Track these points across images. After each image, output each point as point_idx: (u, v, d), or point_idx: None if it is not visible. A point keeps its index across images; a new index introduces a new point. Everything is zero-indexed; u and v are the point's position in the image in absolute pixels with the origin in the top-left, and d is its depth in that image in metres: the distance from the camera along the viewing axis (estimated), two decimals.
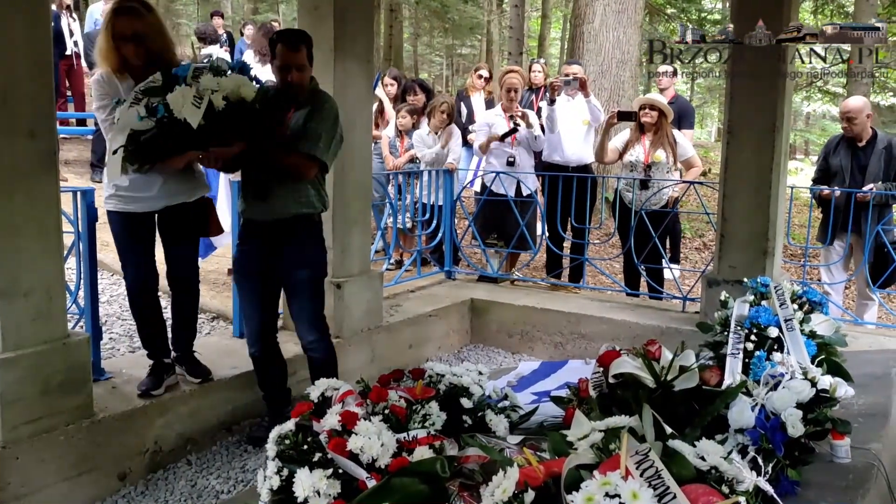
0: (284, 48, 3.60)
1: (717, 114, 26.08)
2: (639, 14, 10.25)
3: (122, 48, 3.41)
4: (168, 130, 3.05)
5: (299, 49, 3.60)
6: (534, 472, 1.61)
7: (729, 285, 4.32)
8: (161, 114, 3.02)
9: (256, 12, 22.90)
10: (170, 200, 3.59)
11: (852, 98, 6.45)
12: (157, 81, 3.17)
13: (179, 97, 3.03)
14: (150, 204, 3.56)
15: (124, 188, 3.48)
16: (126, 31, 3.38)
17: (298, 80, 3.62)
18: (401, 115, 7.06)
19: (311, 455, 2.13)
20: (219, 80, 3.15)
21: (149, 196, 3.53)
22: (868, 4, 10.88)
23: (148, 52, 3.42)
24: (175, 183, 3.57)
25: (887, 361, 3.56)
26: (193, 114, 3.05)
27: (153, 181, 3.50)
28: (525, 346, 5.67)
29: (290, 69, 3.58)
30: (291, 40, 3.62)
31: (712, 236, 8.39)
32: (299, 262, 3.73)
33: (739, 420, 2.25)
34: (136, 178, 3.43)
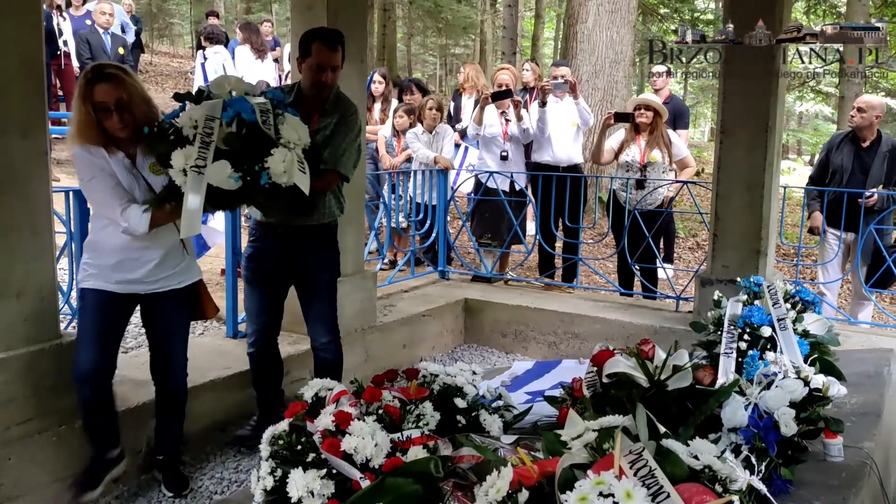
0: (324, 47, 3.46)
1: (710, 114, 26.16)
2: (632, 14, 10.26)
3: (103, 120, 2.97)
4: (263, 192, 2.85)
5: (337, 49, 3.49)
6: (528, 472, 1.61)
7: (722, 285, 4.34)
8: (265, 181, 2.79)
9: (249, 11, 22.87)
10: (160, 285, 3.21)
11: (872, 95, 6.48)
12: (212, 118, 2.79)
13: (282, 162, 2.81)
14: (136, 286, 3.17)
15: (109, 265, 3.10)
16: (107, 100, 2.94)
17: (332, 82, 3.53)
18: (398, 114, 7.07)
19: (305, 455, 2.13)
20: (294, 130, 2.93)
21: (135, 278, 3.14)
22: (860, 4, 10.93)
23: (134, 121, 2.99)
24: (169, 265, 3.21)
25: (880, 360, 3.58)
26: (303, 181, 2.93)
27: (144, 260, 3.14)
28: (519, 345, 5.67)
29: (326, 70, 3.47)
30: (331, 39, 3.50)
31: (705, 236, 8.41)
32: (320, 266, 3.73)
33: (733, 419, 2.26)
34: (126, 257, 3.10)
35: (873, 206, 5.42)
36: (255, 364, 3.89)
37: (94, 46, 9.23)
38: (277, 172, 2.80)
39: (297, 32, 4.51)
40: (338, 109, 3.56)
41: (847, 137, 5.86)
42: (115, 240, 3.07)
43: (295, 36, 4.57)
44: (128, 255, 3.10)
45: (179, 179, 2.73)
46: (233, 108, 2.78)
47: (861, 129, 5.68)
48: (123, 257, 3.10)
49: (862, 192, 5.44)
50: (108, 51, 9.29)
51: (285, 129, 2.90)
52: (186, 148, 2.71)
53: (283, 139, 2.87)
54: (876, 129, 5.71)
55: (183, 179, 2.72)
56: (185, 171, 2.70)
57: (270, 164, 2.79)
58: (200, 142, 2.70)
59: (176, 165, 2.71)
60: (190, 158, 2.69)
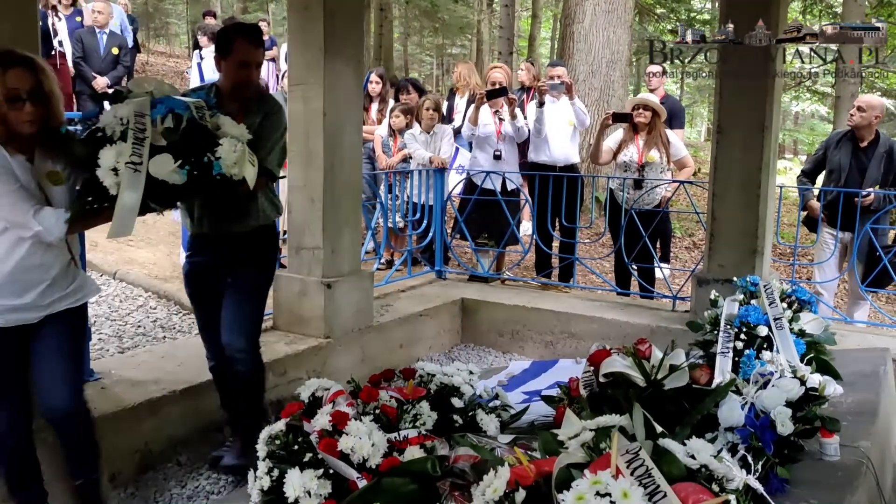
0: (246, 43, 3.26)
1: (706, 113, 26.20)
2: (629, 14, 10.27)
3: (10, 111, 2.60)
4: (212, 186, 2.71)
5: (260, 45, 3.32)
6: (525, 472, 1.61)
7: (719, 284, 4.34)
8: (217, 171, 2.67)
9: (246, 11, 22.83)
10: (51, 308, 2.79)
11: (872, 95, 6.49)
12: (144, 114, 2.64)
13: (233, 153, 2.70)
14: (25, 315, 2.74)
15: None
16: (20, 87, 2.59)
17: (256, 80, 3.37)
18: (394, 114, 7.07)
19: (302, 455, 2.13)
20: (233, 126, 2.83)
21: (22, 304, 2.71)
22: (857, 4, 10.94)
23: (43, 117, 2.65)
24: (60, 285, 2.79)
25: (876, 360, 3.58)
26: (252, 175, 2.82)
27: (30, 283, 2.71)
28: (516, 345, 5.67)
29: (250, 67, 3.28)
30: (255, 35, 3.31)
31: (702, 235, 8.42)
32: (249, 263, 3.49)
33: (729, 418, 2.26)
34: (16, 278, 2.67)
35: (870, 205, 5.42)
36: (221, 380, 3.64)
37: (86, 46, 9.15)
38: (229, 163, 2.69)
39: (294, 32, 4.53)
40: (262, 108, 3.37)
41: (845, 136, 5.86)
42: (3, 255, 2.67)
43: (292, 36, 4.58)
44: (18, 275, 2.67)
45: (109, 180, 2.53)
46: (164, 104, 2.65)
47: (860, 129, 5.69)
48: (12, 279, 2.67)
49: (859, 191, 5.45)
50: (102, 50, 9.20)
51: (225, 124, 2.80)
52: (117, 145, 2.55)
53: (226, 132, 2.77)
54: (875, 130, 5.72)
55: (114, 180, 2.52)
56: (116, 170, 2.52)
57: (222, 154, 2.68)
58: (134, 138, 2.54)
59: (105, 164, 2.53)
60: (123, 155, 2.52)
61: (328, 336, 4.57)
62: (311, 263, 4.59)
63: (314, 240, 4.55)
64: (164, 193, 2.63)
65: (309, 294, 4.59)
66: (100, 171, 2.55)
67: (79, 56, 9.08)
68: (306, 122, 4.49)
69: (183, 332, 5.34)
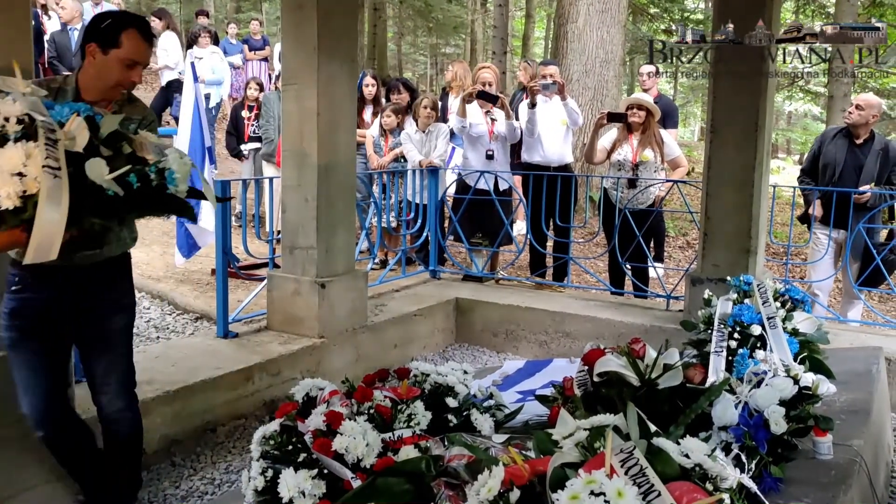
0: (141, 39, 2.70)
1: (699, 113, 26.26)
2: (622, 13, 10.29)
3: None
4: (161, 202, 2.23)
5: (152, 45, 2.80)
6: (519, 471, 1.61)
7: (712, 283, 4.35)
8: (172, 185, 2.21)
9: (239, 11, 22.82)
10: None
11: (871, 94, 6.51)
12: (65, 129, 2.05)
13: (184, 167, 2.25)
14: None
15: None
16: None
17: (139, 82, 2.82)
18: (386, 113, 7.07)
19: (296, 455, 2.13)
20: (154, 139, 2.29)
21: None
22: (849, 4, 10.97)
23: None
24: None
25: (869, 358, 3.60)
26: (183, 187, 2.29)
27: None
28: (510, 345, 5.67)
29: (138, 66, 2.72)
30: (149, 31, 2.77)
31: (696, 235, 8.43)
32: (114, 307, 2.90)
33: (723, 418, 2.27)
34: None
35: (865, 202, 5.43)
36: (60, 449, 2.95)
37: (59, 45, 8.97)
38: (180, 178, 2.21)
39: (288, 32, 4.52)
40: (133, 113, 2.79)
41: (840, 133, 5.87)
42: None
43: (285, 35, 4.58)
44: None
45: (7, 189, 1.91)
46: (68, 107, 2.10)
47: (856, 126, 5.70)
48: None
49: (856, 190, 5.46)
50: (73, 47, 8.96)
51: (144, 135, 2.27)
52: (14, 145, 1.93)
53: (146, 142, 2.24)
54: (870, 128, 5.74)
55: (11, 188, 1.91)
56: (22, 175, 1.92)
57: (173, 167, 2.19)
58: (45, 139, 1.94)
59: (6, 166, 1.91)
60: (33, 158, 1.92)
61: (322, 336, 4.57)
62: (305, 263, 4.58)
63: (308, 239, 4.55)
64: (96, 206, 2.07)
65: (303, 294, 4.59)
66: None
67: (52, 56, 8.94)
68: (300, 121, 4.49)
69: (177, 332, 5.33)
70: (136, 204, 2.16)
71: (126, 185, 2.07)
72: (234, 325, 4.66)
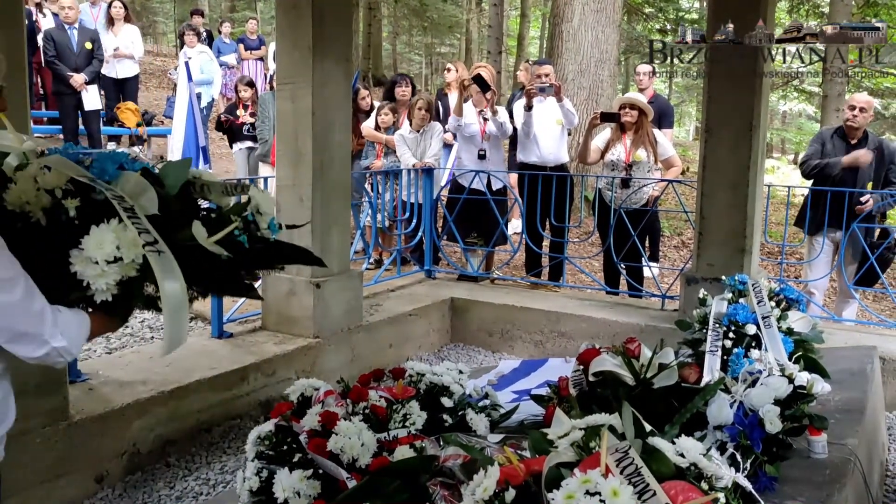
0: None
1: (695, 113, 26.31)
2: (617, 13, 10.30)
3: None
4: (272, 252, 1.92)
5: None
6: (514, 471, 1.61)
7: (707, 283, 4.36)
8: (276, 232, 1.90)
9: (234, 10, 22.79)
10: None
11: (860, 94, 6.51)
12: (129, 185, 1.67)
13: (272, 205, 1.93)
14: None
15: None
16: None
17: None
18: (383, 111, 7.07)
19: (291, 455, 2.12)
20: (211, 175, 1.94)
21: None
22: (843, 4, 11.00)
23: None
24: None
25: (863, 358, 3.61)
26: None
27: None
28: (505, 344, 5.67)
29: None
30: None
31: (691, 234, 8.45)
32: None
33: (718, 417, 2.27)
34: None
35: (870, 211, 5.43)
36: None
37: (58, 44, 8.92)
38: (272, 217, 1.91)
39: (283, 31, 4.52)
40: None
41: (835, 134, 5.88)
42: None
43: (280, 35, 4.57)
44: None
45: (105, 280, 1.57)
46: (109, 162, 1.71)
47: (854, 128, 5.71)
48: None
49: (852, 191, 5.45)
50: (74, 47, 9.01)
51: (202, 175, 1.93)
52: (100, 228, 1.57)
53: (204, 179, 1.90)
54: (864, 128, 5.76)
55: (110, 277, 1.57)
56: (119, 260, 1.57)
57: (263, 208, 1.87)
58: (125, 212, 1.59)
59: (99, 255, 1.56)
60: (128, 240, 1.58)
61: (317, 336, 4.56)
62: None
63: (303, 239, 4.53)
64: (212, 275, 1.78)
65: (298, 294, 4.58)
66: (79, 263, 1.57)
67: (51, 55, 8.90)
68: (295, 121, 4.48)
69: None
70: (248, 262, 1.86)
71: (234, 245, 1.75)
72: (229, 326, 4.66)
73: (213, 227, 1.73)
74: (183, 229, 1.68)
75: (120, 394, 3.60)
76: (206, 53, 11.25)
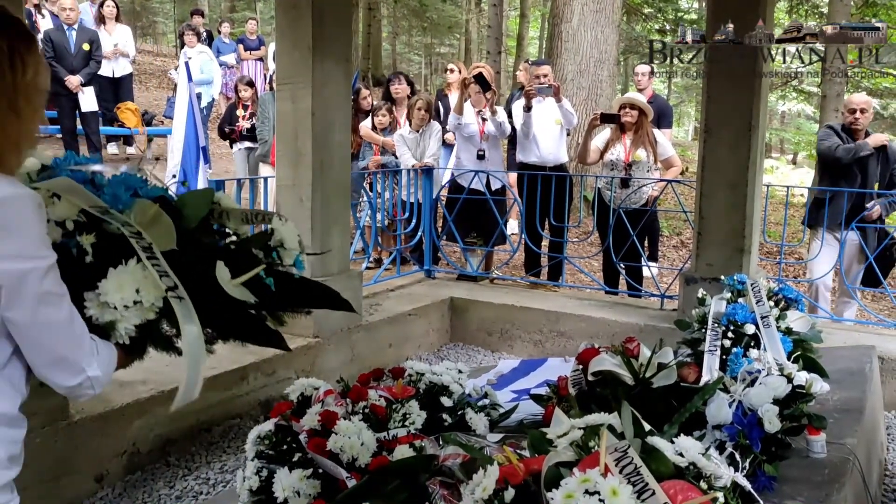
0: None
1: (694, 113, 26.30)
2: (616, 13, 10.30)
3: None
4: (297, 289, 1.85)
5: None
6: (514, 470, 1.61)
7: (706, 283, 4.36)
8: (301, 269, 1.85)
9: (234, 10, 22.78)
10: None
11: (857, 94, 6.46)
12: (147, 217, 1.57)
13: (295, 237, 1.86)
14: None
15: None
16: None
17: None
18: (381, 112, 7.08)
19: (291, 455, 2.13)
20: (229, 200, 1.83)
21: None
22: (842, 4, 10.99)
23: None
24: None
25: (862, 357, 3.61)
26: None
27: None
28: (504, 344, 5.68)
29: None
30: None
31: (690, 234, 8.45)
32: None
33: (717, 416, 2.27)
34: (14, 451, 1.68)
35: (879, 217, 5.41)
36: None
37: (56, 44, 8.90)
38: (299, 254, 1.82)
39: (283, 32, 4.52)
40: None
41: (843, 130, 5.83)
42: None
43: (280, 35, 4.57)
44: (17, 441, 1.66)
45: (126, 324, 1.50)
46: (121, 187, 1.58)
47: (858, 130, 5.67)
48: (14, 451, 1.66)
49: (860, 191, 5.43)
50: (73, 48, 8.99)
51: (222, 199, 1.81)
52: (119, 270, 1.47)
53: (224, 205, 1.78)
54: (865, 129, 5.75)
55: (130, 322, 1.50)
56: (138, 303, 1.49)
57: (287, 239, 1.78)
58: (144, 251, 1.48)
59: (117, 299, 1.47)
60: (149, 284, 1.49)
61: (317, 336, 4.56)
62: None
63: (303, 239, 4.53)
64: (234, 322, 1.63)
65: None
66: (95, 307, 1.48)
67: (50, 56, 8.86)
68: (295, 121, 4.48)
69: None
70: (273, 304, 1.72)
71: (258, 287, 1.61)
72: None
73: (235, 263, 1.60)
74: (201, 267, 1.55)
75: (120, 393, 3.60)
76: (206, 53, 11.26)
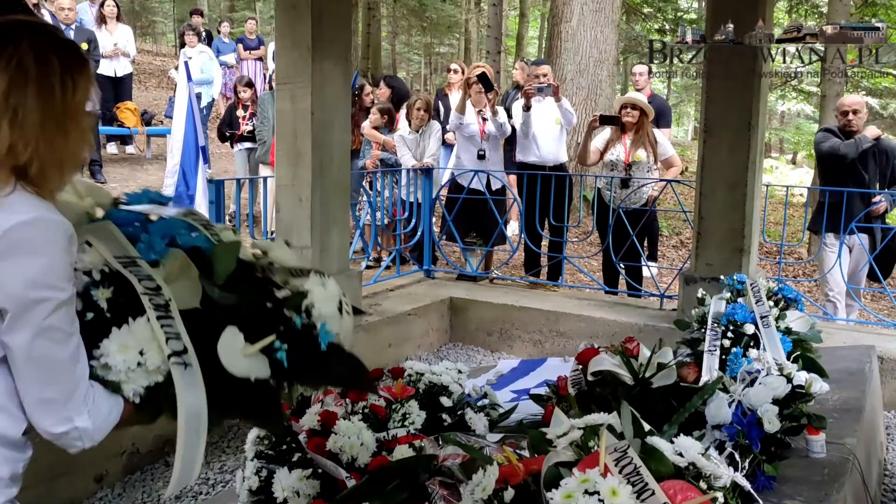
0: None
1: (693, 112, 26.31)
2: (616, 13, 10.30)
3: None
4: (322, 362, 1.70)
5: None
6: (513, 470, 1.61)
7: (706, 283, 4.35)
8: (327, 340, 1.67)
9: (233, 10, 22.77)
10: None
11: (848, 96, 6.45)
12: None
13: (329, 300, 1.66)
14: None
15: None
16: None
17: None
18: (372, 112, 7.11)
19: (291, 455, 2.13)
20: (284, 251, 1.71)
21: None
22: (842, 4, 10.99)
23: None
24: None
25: (861, 357, 3.61)
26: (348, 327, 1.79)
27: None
28: (504, 344, 5.68)
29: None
30: None
31: (689, 234, 8.45)
32: None
33: (717, 416, 2.27)
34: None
35: (884, 212, 5.39)
36: None
37: None
38: (332, 316, 1.64)
39: (282, 31, 4.52)
40: None
41: (835, 136, 5.83)
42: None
43: (279, 35, 4.57)
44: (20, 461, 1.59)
45: (133, 385, 1.41)
46: (159, 231, 1.46)
47: (855, 131, 5.66)
48: (17, 470, 1.59)
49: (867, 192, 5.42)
50: None
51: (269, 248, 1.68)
52: (122, 332, 1.38)
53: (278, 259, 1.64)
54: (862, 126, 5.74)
55: (137, 383, 1.41)
56: (139, 365, 1.39)
57: (319, 307, 1.59)
58: (156, 310, 1.38)
59: (119, 361, 1.38)
60: (155, 346, 1.38)
61: None
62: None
63: (302, 239, 4.54)
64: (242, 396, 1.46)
65: None
66: (99, 368, 1.40)
67: None
68: (294, 121, 4.48)
69: None
70: (297, 378, 1.60)
71: (275, 362, 1.47)
72: None
73: (261, 327, 1.46)
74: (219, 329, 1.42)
75: None
76: (205, 53, 11.25)
